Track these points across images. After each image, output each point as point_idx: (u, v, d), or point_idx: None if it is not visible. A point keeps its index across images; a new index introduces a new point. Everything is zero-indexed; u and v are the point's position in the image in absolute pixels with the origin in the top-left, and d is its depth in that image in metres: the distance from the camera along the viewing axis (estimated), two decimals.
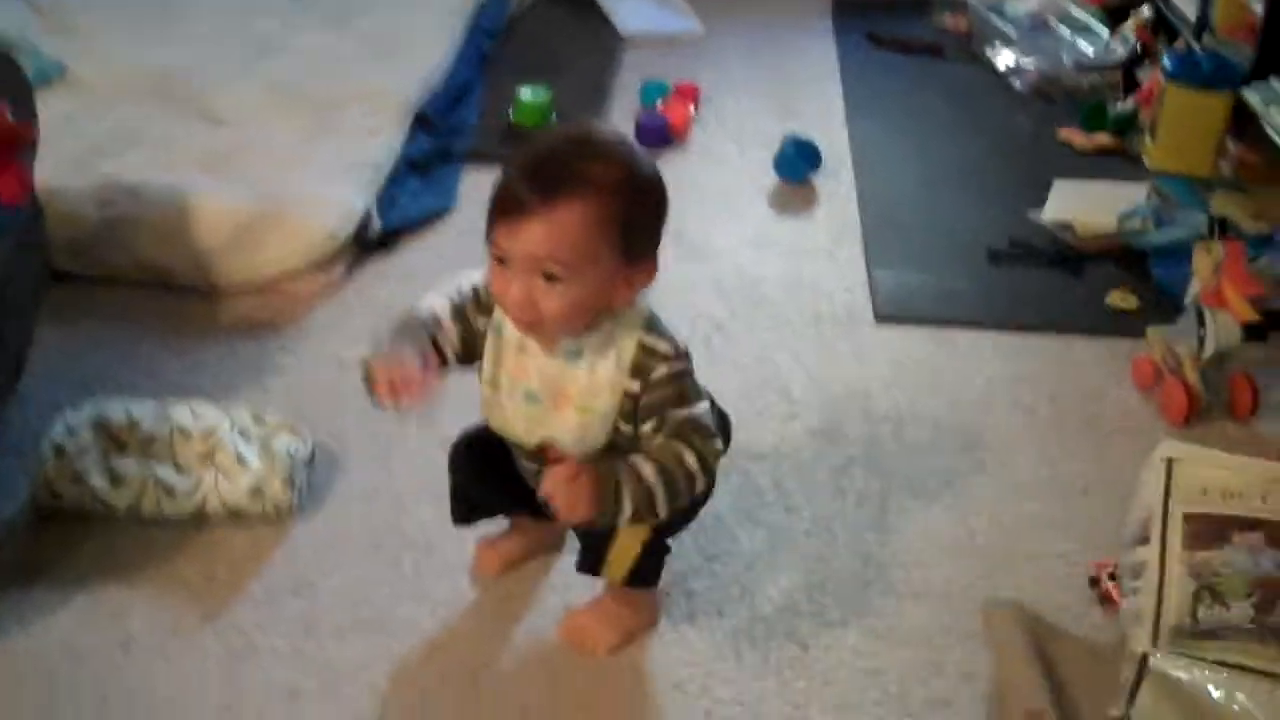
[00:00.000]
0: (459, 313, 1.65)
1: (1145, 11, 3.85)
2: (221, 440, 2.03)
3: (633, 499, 1.55)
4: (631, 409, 1.59)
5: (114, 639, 1.79)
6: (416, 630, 1.83)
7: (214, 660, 1.77)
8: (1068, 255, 2.84)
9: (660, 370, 1.58)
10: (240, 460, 2.01)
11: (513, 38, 3.98)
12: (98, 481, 1.96)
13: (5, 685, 1.72)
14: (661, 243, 1.60)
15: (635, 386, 1.58)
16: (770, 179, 3.18)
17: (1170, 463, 1.79)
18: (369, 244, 2.74)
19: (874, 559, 2.00)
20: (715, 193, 3.13)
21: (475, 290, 1.65)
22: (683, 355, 1.61)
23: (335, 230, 2.64)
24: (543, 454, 1.65)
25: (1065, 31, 3.91)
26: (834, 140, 3.38)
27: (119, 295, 2.57)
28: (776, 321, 2.62)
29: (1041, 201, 3.01)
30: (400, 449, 2.17)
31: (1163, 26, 3.79)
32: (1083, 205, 2.97)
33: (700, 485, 1.61)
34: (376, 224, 2.75)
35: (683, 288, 2.68)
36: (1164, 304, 2.59)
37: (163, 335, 2.46)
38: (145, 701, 1.71)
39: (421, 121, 3.17)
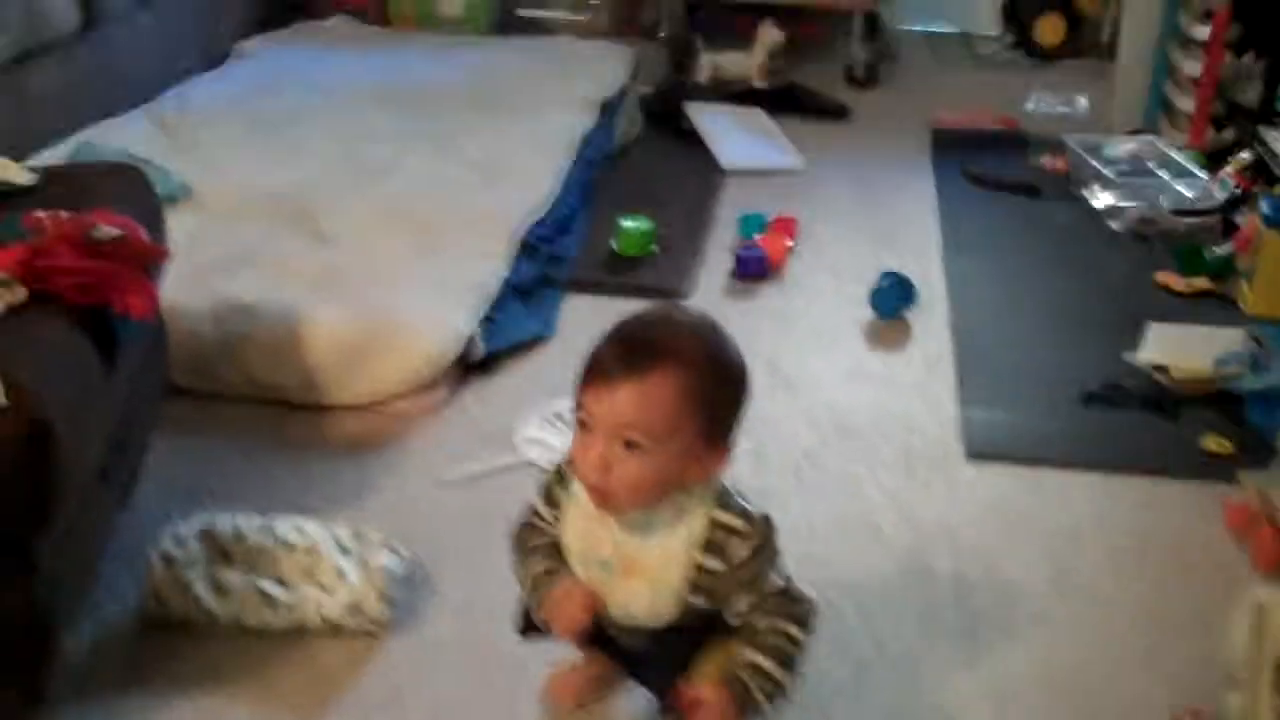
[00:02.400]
0: (550, 499, 1.74)
1: (1245, 156, 3.87)
2: (322, 555, 2.10)
3: (766, 696, 1.63)
4: (707, 585, 1.63)
5: None
6: None
7: None
8: (1162, 399, 2.84)
9: (741, 551, 1.61)
10: (340, 575, 2.07)
11: (617, 168, 4.10)
12: (203, 592, 2.03)
13: None
14: (739, 429, 1.65)
15: (715, 564, 1.61)
16: (865, 313, 3.23)
17: (1262, 608, 1.79)
18: (471, 366, 2.82)
19: (959, 696, 2.01)
20: (810, 326, 3.19)
21: (558, 468, 1.73)
22: (759, 526, 1.64)
23: (440, 352, 2.72)
24: (619, 625, 1.71)
25: (1164, 174, 3.94)
26: (930, 277, 3.42)
27: (231, 411, 2.68)
28: (867, 455, 2.65)
29: (1137, 344, 3.02)
30: (494, 568, 2.19)
31: (1262, 171, 3.81)
32: (1179, 348, 2.98)
33: (806, 645, 1.69)
34: (480, 347, 2.83)
35: (775, 418, 2.73)
36: (1259, 450, 2.59)
37: (271, 450, 2.55)
38: None
39: (526, 248, 3.26)
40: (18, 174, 2.30)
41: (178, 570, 2.04)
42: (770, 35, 4.88)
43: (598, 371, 1.55)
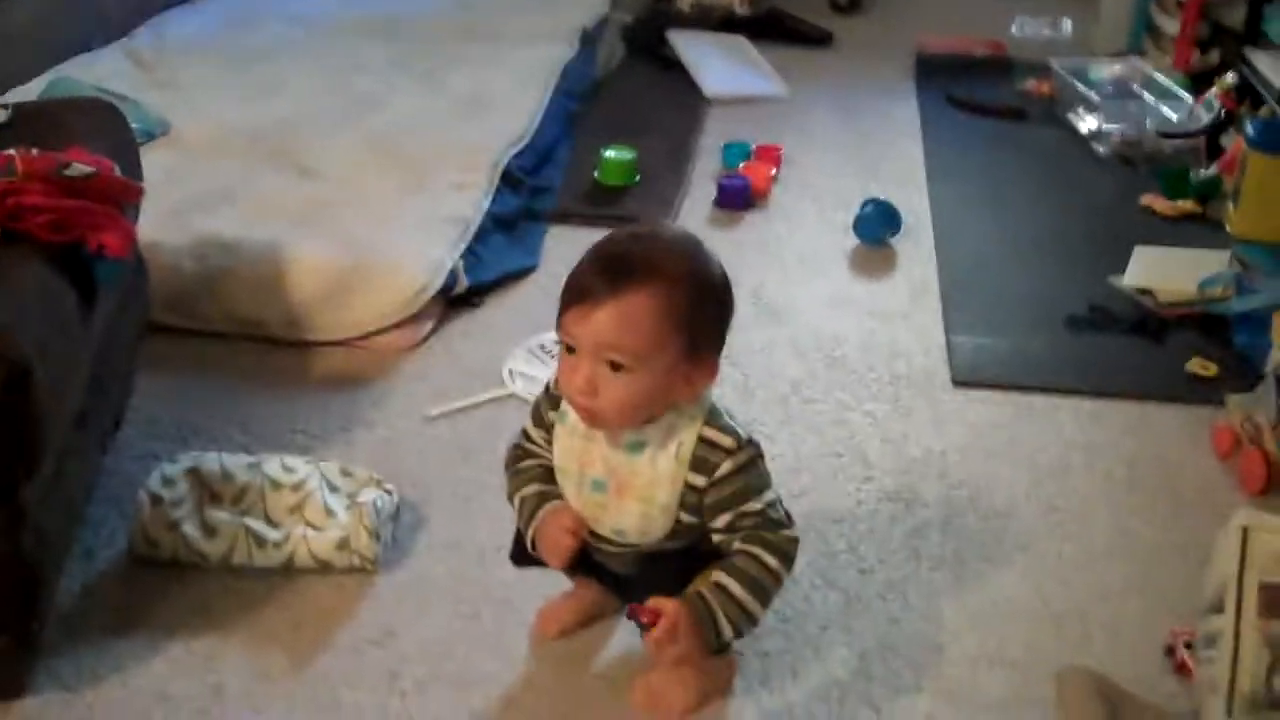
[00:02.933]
0: (539, 420, 1.76)
1: (1230, 78, 3.85)
2: (311, 493, 2.09)
3: (731, 622, 1.63)
4: (695, 502, 1.64)
5: (205, 686, 1.84)
6: (496, 684, 1.87)
7: (301, 711, 1.81)
8: (1148, 322, 2.84)
9: (725, 466, 1.62)
10: (328, 513, 2.07)
11: (598, 99, 4.07)
12: (192, 531, 2.03)
13: None
14: (725, 343, 1.67)
15: (699, 481, 1.62)
16: (850, 241, 3.22)
17: (1246, 531, 1.79)
18: (455, 299, 2.81)
19: (948, 624, 2.02)
20: (794, 254, 3.17)
21: (546, 387, 1.74)
22: (746, 446, 1.64)
23: (424, 286, 2.71)
24: (609, 541, 1.72)
25: (1149, 97, 3.92)
26: (914, 203, 3.41)
27: (214, 347, 2.66)
28: (853, 383, 2.64)
29: (1122, 268, 3.02)
30: (482, 504, 2.22)
31: (1248, 93, 3.79)
32: (1164, 272, 2.97)
33: (784, 578, 1.68)
34: (463, 280, 2.81)
35: (760, 348, 2.73)
36: (1245, 372, 2.59)
37: (256, 387, 2.54)
38: None
39: (509, 179, 3.24)
40: None
41: (165, 510, 2.04)
42: None
43: (578, 293, 1.55)
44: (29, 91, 3.27)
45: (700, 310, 1.58)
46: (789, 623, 1.99)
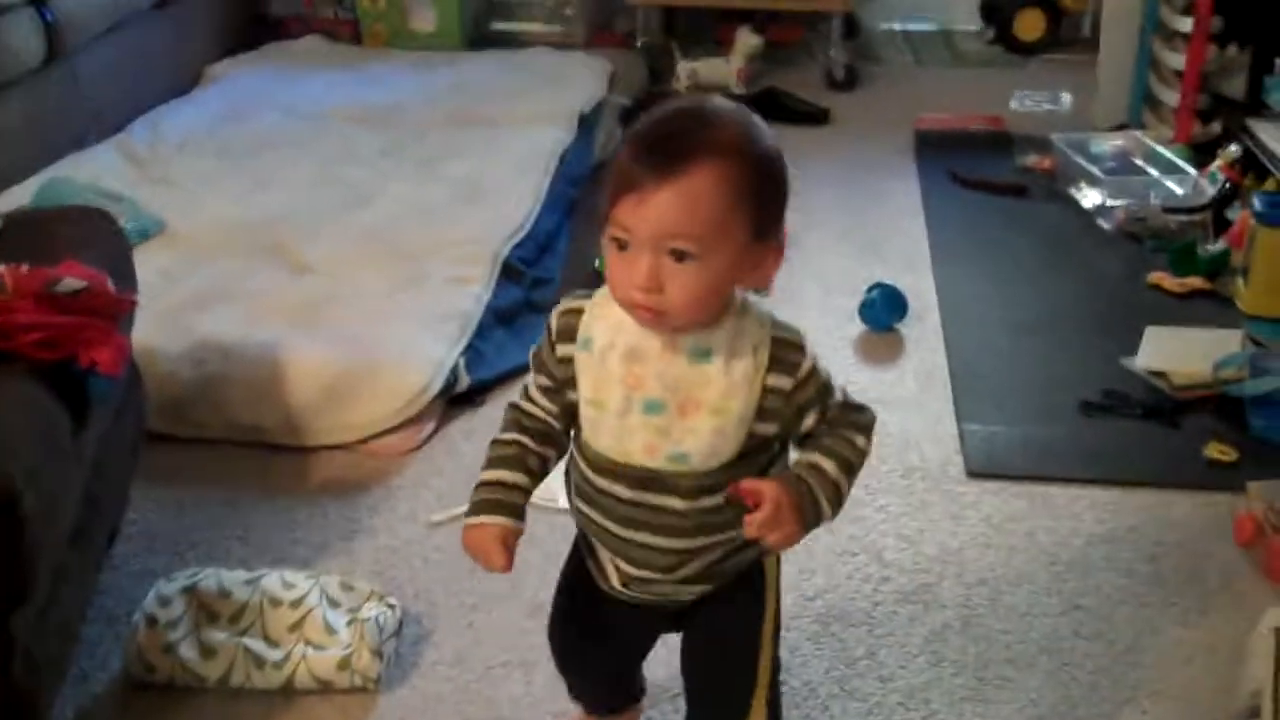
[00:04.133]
0: (540, 366, 1.56)
1: (1233, 149, 3.83)
2: (311, 610, 2.04)
3: (830, 503, 1.50)
4: (777, 407, 1.47)
5: None
6: None
7: None
8: (1163, 406, 2.79)
9: (805, 365, 1.47)
10: (329, 630, 2.01)
11: (597, 184, 4.03)
12: (189, 653, 1.97)
13: None
14: (786, 222, 1.48)
15: (783, 383, 1.46)
16: (856, 327, 3.17)
17: (1278, 631, 1.75)
18: (457, 398, 2.76)
19: None
20: None
21: (548, 329, 1.55)
22: (808, 342, 1.52)
23: (424, 386, 2.66)
24: (657, 482, 1.50)
25: (1152, 171, 3.89)
26: (919, 285, 3.37)
27: (211, 455, 2.61)
28: (865, 476, 2.53)
29: (1133, 348, 2.97)
30: (489, 615, 2.16)
31: (1251, 164, 3.76)
32: (1177, 353, 2.93)
33: (869, 455, 1.57)
34: (465, 378, 2.77)
35: None
36: (1264, 456, 2.54)
37: (255, 496, 2.48)
38: None
39: (509, 271, 3.20)
40: None
41: (162, 631, 1.98)
42: (748, 40, 4.84)
43: (630, 180, 1.37)
44: (23, 190, 3.25)
45: (765, 186, 1.42)
46: None
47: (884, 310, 3.15)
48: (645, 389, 1.46)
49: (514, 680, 2.01)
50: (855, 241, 3.69)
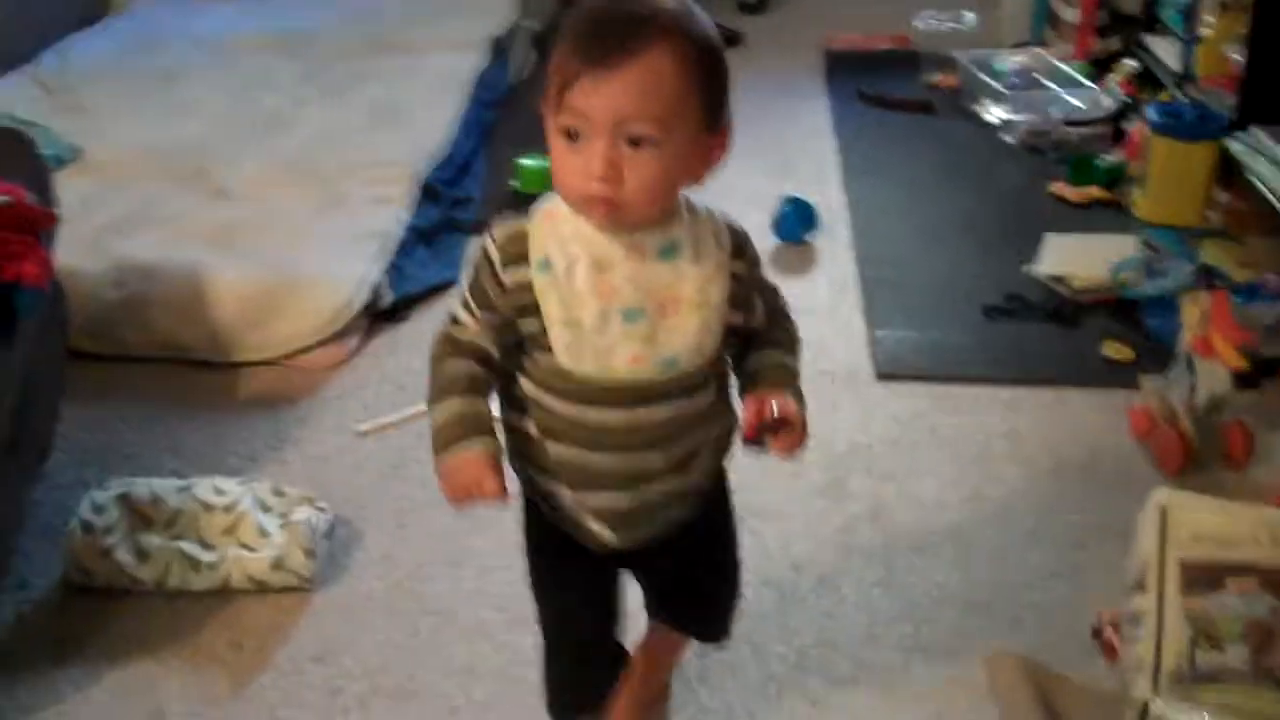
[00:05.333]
0: (483, 299, 1.41)
1: (1129, 64, 3.94)
2: (244, 514, 2.09)
3: (801, 397, 1.49)
4: (741, 293, 1.44)
5: (145, 712, 1.84)
6: (437, 696, 1.88)
7: None
8: (1062, 309, 2.90)
9: (751, 247, 1.46)
10: (262, 533, 2.07)
11: (513, 106, 4.07)
12: (125, 557, 2.02)
13: None
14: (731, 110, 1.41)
15: (740, 267, 1.43)
16: (769, 241, 3.25)
17: (1165, 510, 1.84)
18: (380, 314, 2.81)
19: (881, 615, 2.06)
20: None
21: (486, 255, 1.41)
22: None
23: (348, 302, 2.72)
24: (645, 390, 1.40)
25: (1053, 86, 4.00)
26: (831, 199, 3.46)
27: (139, 373, 2.65)
28: None
29: (1035, 255, 3.08)
30: (416, 517, 2.23)
31: (1147, 79, 3.88)
32: (1076, 258, 3.04)
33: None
34: (387, 295, 2.82)
35: None
36: (1158, 353, 2.65)
37: (183, 410, 2.53)
38: None
39: (428, 192, 3.24)
40: None
41: (98, 537, 2.03)
42: None
43: (582, 63, 1.29)
44: None
45: (715, 69, 1.36)
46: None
47: (796, 222, 3.23)
48: (620, 297, 1.37)
49: (442, 578, 2.08)
50: (767, 159, 3.77)
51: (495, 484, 1.37)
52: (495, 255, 1.39)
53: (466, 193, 3.41)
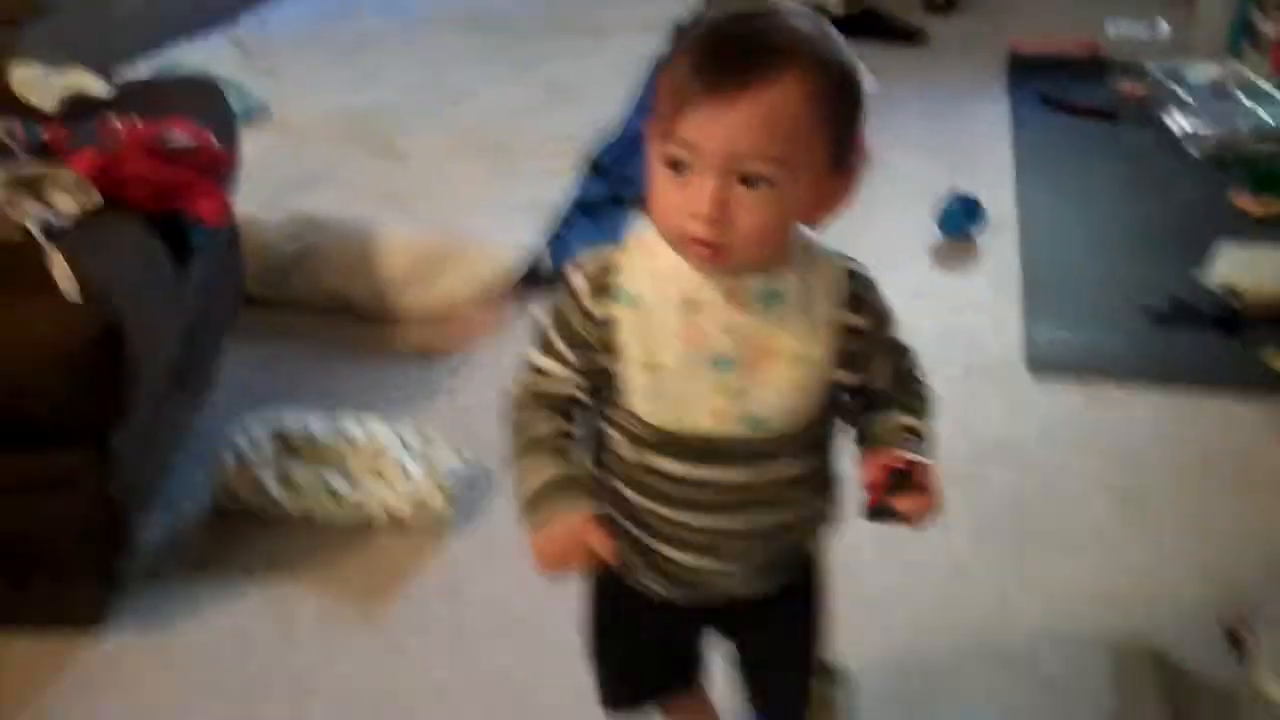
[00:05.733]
0: (570, 336, 1.28)
1: None
2: (388, 454, 2.16)
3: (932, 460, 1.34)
4: (857, 350, 1.28)
5: (280, 629, 1.92)
6: (559, 636, 1.91)
7: (371, 655, 1.88)
8: (1230, 318, 2.82)
9: (879, 299, 1.30)
10: (404, 472, 2.14)
11: None
12: (273, 486, 2.11)
13: (178, 666, 1.87)
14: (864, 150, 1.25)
15: (862, 322, 1.27)
16: (934, 236, 3.22)
17: None
18: (540, 280, 2.86)
19: (1011, 600, 2.03)
20: (878, 247, 3.12)
21: (574, 293, 1.27)
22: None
23: (509, 266, 2.77)
24: (724, 453, 1.27)
25: (1245, 100, 3.88)
26: (1001, 200, 3.41)
27: (303, 320, 2.75)
28: (929, 370, 2.65)
29: (1207, 263, 3.00)
30: None
31: None
32: (1249, 269, 2.95)
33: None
34: (548, 262, 2.87)
35: None
36: None
37: (341, 357, 2.62)
38: (306, 687, 1.83)
39: (595, 167, 3.29)
40: (93, 84, 2.36)
41: (249, 465, 2.12)
42: None
43: (697, 89, 1.14)
44: (135, 74, 3.38)
45: (847, 103, 1.20)
46: (847, 597, 2.01)
47: (960, 216, 3.20)
48: (710, 344, 1.24)
49: None
50: (941, 158, 3.73)
51: (604, 544, 1.25)
52: (582, 285, 1.26)
53: (635, 171, 3.44)
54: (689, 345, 1.23)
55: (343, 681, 1.84)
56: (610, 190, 3.29)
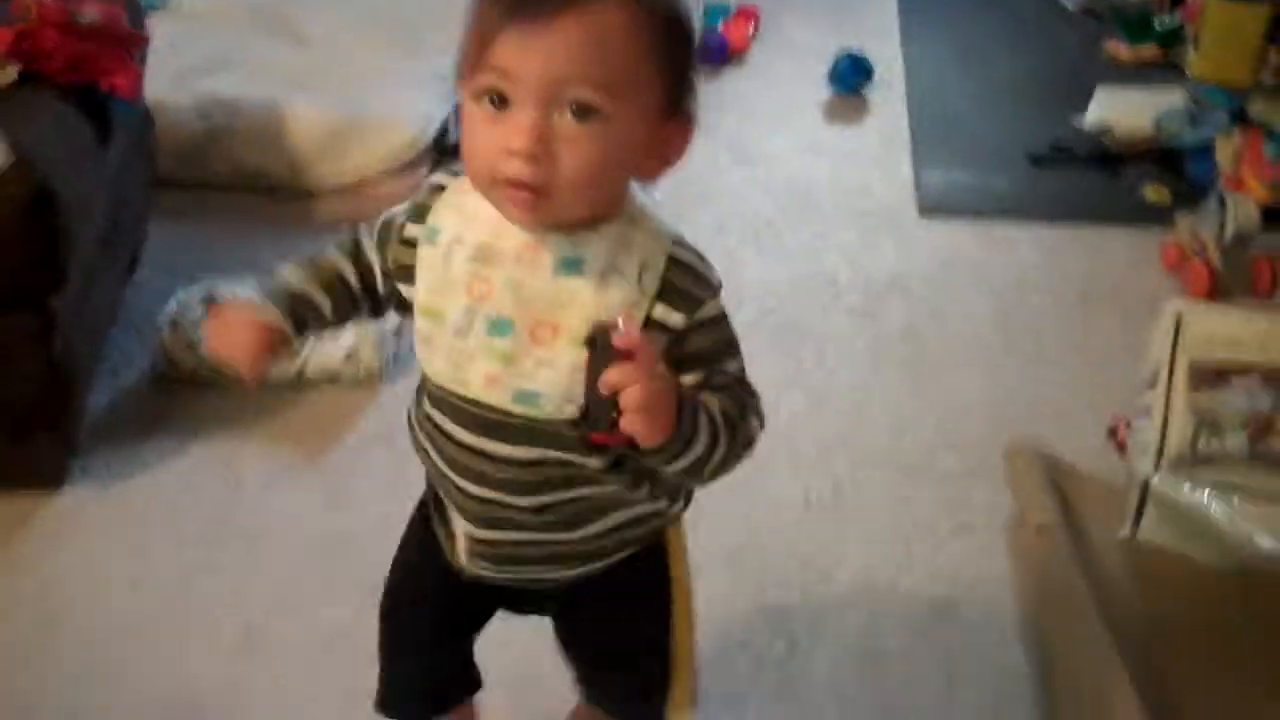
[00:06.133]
0: (385, 234, 1.19)
1: None
2: None
3: (707, 433, 1.08)
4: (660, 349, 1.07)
5: (229, 480, 2.03)
6: None
7: (316, 499, 2.00)
8: (1106, 156, 2.99)
9: (710, 305, 1.10)
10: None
11: None
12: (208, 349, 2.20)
13: (135, 518, 1.97)
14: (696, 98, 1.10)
15: (675, 319, 1.08)
16: (825, 93, 3.35)
17: (1179, 317, 1.97)
18: (446, 150, 2.96)
19: (907, 415, 2.20)
20: (771, 106, 3.31)
21: (414, 202, 1.16)
22: (717, 280, 1.11)
23: (416, 137, 2.86)
24: (498, 424, 1.11)
25: None
26: (888, 56, 3.54)
27: (221, 199, 2.82)
28: (824, 218, 2.80)
29: (1085, 110, 3.16)
30: None
31: None
32: (1123, 109, 3.11)
33: (743, 459, 1.14)
34: (455, 132, 2.96)
35: (734, 191, 2.89)
36: (1196, 197, 2.73)
37: (261, 232, 2.69)
38: (257, 531, 1.95)
39: None
40: None
41: (184, 331, 2.21)
42: None
43: (514, 8, 1.00)
44: None
45: (681, 39, 1.07)
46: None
47: (851, 72, 3.32)
48: (492, 301, 1.09)
49: None
50: (830, 20, 3.84)
51: (249, 355, 1.18)
52: (409, 205, 1.16)
53: None
54: (471, 298, 1.09)
55: (292, 523, 1.95)
56: None
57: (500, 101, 1.01)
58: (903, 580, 1.89)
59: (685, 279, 1.08)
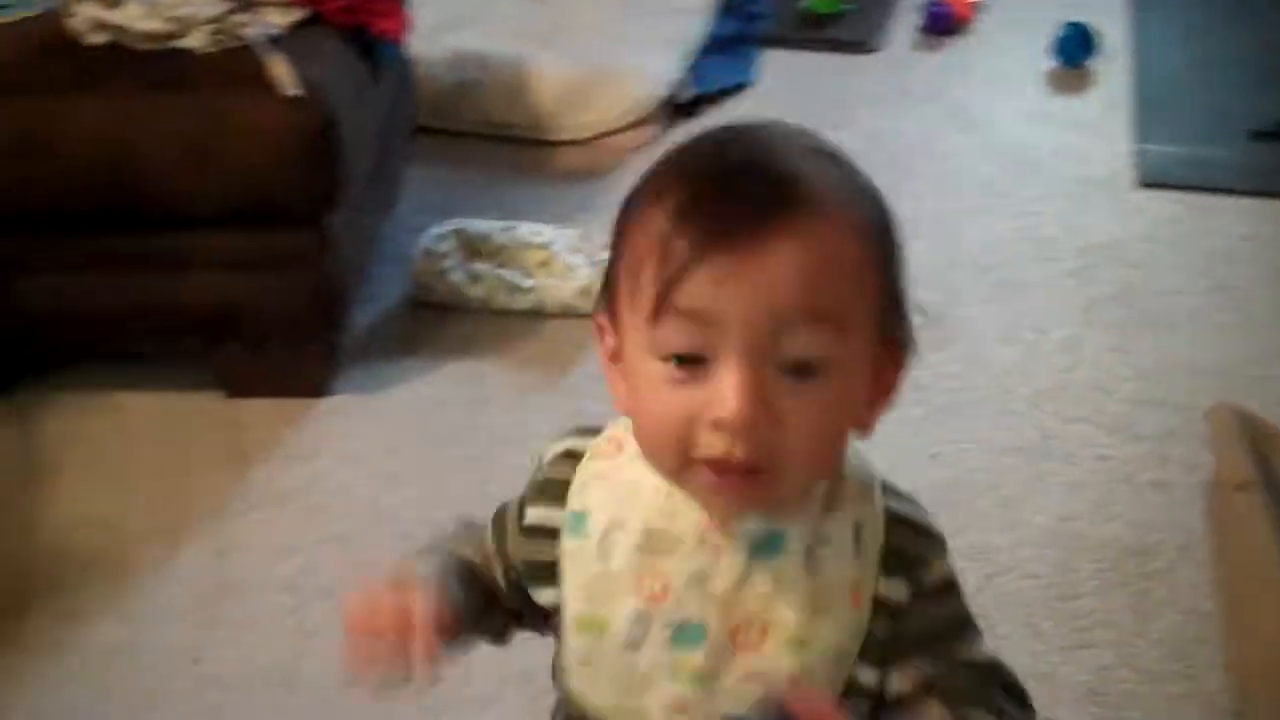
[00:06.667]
0: (501, 531, 0.97)
1: None
2: (556, 252, 2.45)
3: None
4: (887, 635, 0.85)
5: (474, 394, 2.24)
6: None
7: (554, 415, 2.16)
8: None
9: (938, 568, 0.87)
10: (570, 269, 2.42)
11: None
12: (459, 279, 2.41)
13: (387, 424, 2.19)
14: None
15: (899, 592, 0.85)
16: (1049, 63, 3.40)
17: None
18: (680, 107, 3.12)
19: (1115, 373, 2.28)
20: (994, 74, 3.38)
21: (562, 453, 0.92)
22: (939, 530, 0.89)
23: (651, 93, 3.04)
24: None
25: None
26: (1115, 29, 3.56)
27: (469, 146, 3.03)
28: (1044, 183, 2.88)
29: None
30: None
31: None
32: None
33: None
34: (687, 91, 3.13)
35: (957, 155, 2.98)
36: None
37: (508, 177, 2.90)
38: (499, 438, 2.14)
39: (726, 5, 3.51)
40: None
41: (437, 261, 2.42)
42: None
43: (706, 235, 0.76)
44: None
45: (895, 246, 0.84)
46: (970, 364, 2.28)
47: (1075, 44, 3.36)
48: (675, 603, 0.85)
49: None
50: None
51: (427, 644, 0.85)
52: (532, 480, 0.94)
53: (762, 9, 3.66)
54: (645, 599, 0.86)
55: (533, 434, 2.13)
56: (740, 27, 3.51)
57: (690, 360, 0.77)
58: (1100, 528, 1.98)
59: (907, 536, 0.86)
